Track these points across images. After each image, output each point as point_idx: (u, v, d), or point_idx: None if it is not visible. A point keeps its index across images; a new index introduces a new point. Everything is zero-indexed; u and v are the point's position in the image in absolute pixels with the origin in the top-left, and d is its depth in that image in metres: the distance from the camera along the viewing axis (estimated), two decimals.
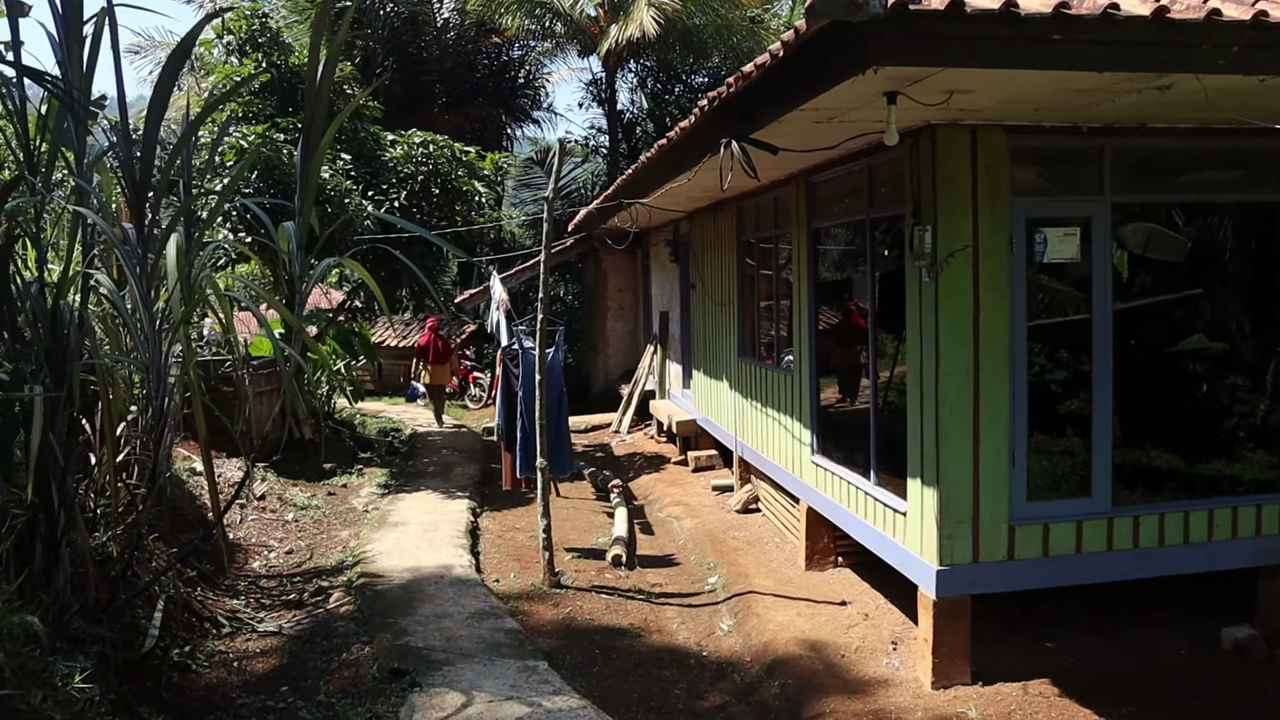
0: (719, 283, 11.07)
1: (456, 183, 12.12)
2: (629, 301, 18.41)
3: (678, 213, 12.17)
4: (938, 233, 5.54)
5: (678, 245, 13.77)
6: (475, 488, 11.35)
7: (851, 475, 7.03)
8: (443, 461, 12.86)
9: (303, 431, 12.78)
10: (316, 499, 10.52)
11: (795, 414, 8.27)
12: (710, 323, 11.64)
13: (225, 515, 9.27)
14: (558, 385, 8.47)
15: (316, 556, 8.73)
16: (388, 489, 11.19)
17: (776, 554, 8.59)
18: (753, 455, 9.82)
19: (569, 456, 9.03)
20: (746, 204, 9.92)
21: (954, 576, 5.62)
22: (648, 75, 28.38)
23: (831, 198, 7.61)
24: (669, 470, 12.51)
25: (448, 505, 10.21)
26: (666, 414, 13.43)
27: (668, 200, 10.12)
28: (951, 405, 5.60)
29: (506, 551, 8.94)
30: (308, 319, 15.16)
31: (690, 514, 10.16)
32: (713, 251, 11.34)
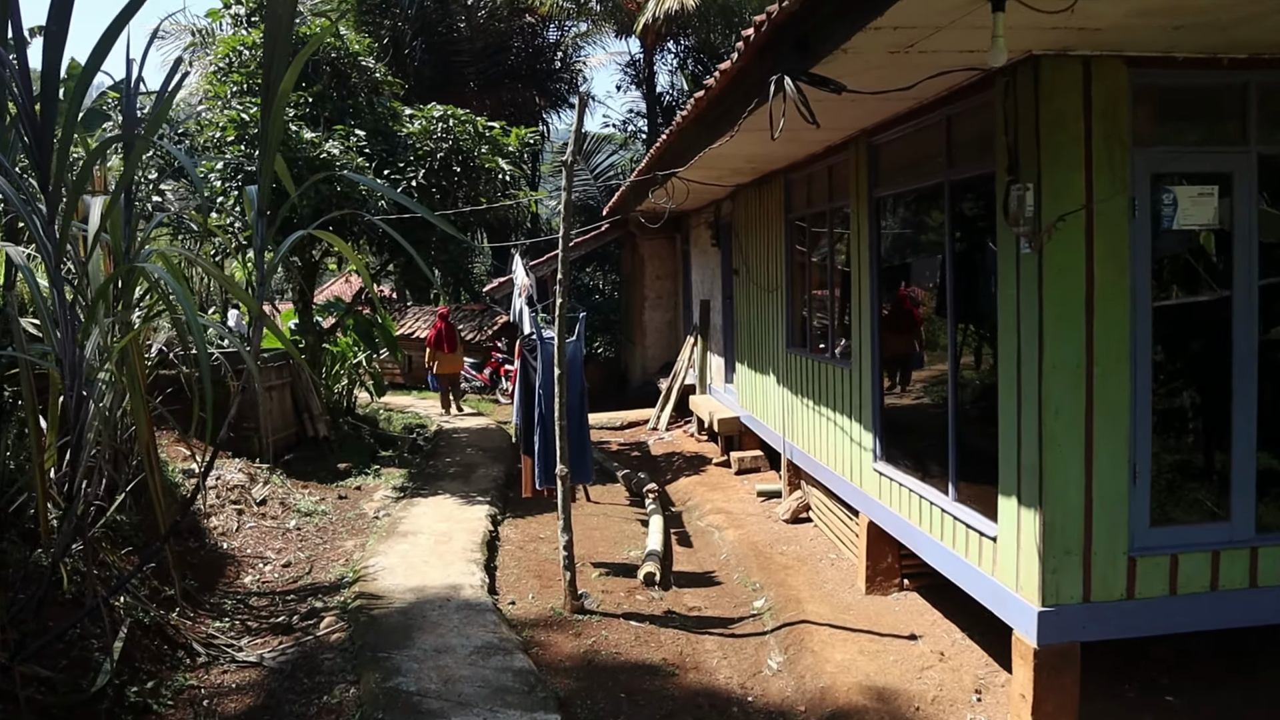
0: (765, 266, 10.00)
1: (479, 160, 11.16)
2: (668, 290, 17.39)
3: (719, 190, 11.12)
4: (1041, 192, 4.45)
5: (719, 227, 12.71)
6: (498, 491, 10.41)
7: (924, 488, 5.95)
8: (465, 461, 11.95)
9: (317, 429, 11.98)
10: (325, 503, 9.65)
11: (853, 414, 7.20)
12: (755, 311, 10.59)
13: (211, 520, 8.44)
14: (578, 380, 7.47)
15: (316, 570, 7.84)
16: (403, 492, 10.30)
17: (831, 573, 7.53)
18: (804, 459, 8.76)
19: (590, 463, 8.03)
20: (795, 177, 8.84)
21: (1060, 619, 4.54)
22: (688, 56, 27.29)
23: (899, 160, 6.52)
24: (710, 472, 11.48)
25: (465, 512, 9.28)
26: (707, 411, 12.40)
27: (708, 173, 9.08)
28: (1058, 406, 4.51)
29: (527, 566, 7.98)
30: (324, 309, 14.36)
31: (733, 523, 9.13)
32: (758, 232, 10.27)
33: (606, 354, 21.36)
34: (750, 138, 6.84)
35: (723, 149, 7.49)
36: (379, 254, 12.08)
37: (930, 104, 5.62)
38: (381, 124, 11.30)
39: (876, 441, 6.82)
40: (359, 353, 14.04)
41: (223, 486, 8.96)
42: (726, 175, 9.33)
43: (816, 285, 8.62)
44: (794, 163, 8.59)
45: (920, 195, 6.30)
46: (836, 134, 7.03)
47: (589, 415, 8.30)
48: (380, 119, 11.32)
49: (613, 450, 13.27)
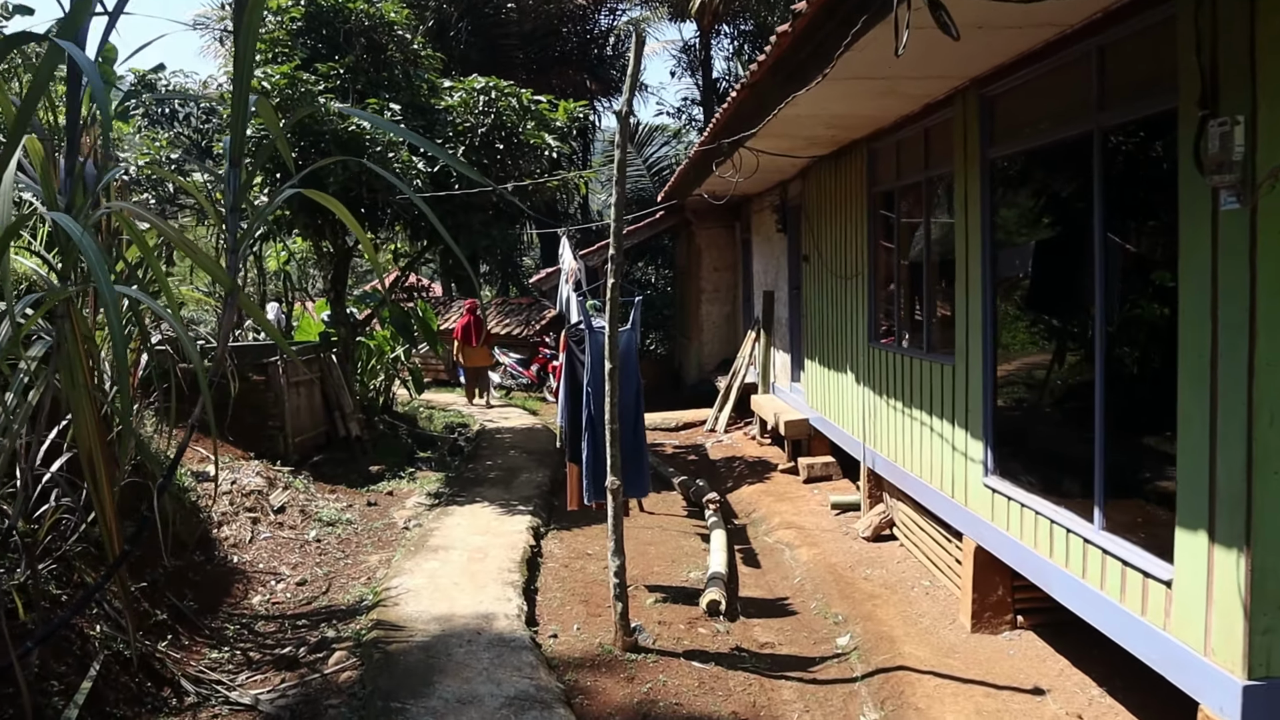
0: (842, 251, 8.89)
1: (524, 136, 10.19)
2: (726, 282, 16.30)
3: (787, 168, 10.02)
4: (1257, 130, 3.32)
5: (785, 211, 11.61)
6: (541, 499, 9.43)
7: (1057, 511, 4.83)
8: (508, 465, 11.00)
9: (349, 428, 11.12)
10: (351, 511, 8.75)
11: (957, 418, 6.09)
12: (829, 302, 9.47)
13: (223, 530, 7.57)
14: (633, 376, 6.44)
15: (333, 589, 6.92)
16: (438, 499, 9.37)
17: (926, 604, 6.42)
18: (888, 468, 7.64)
19: (647, 474, 6.95)
20: (881, 145, 7.72)
21: (1275, 699, 3.40)
22: (744, 41, 26.23)
23: (1023, 111, 5.38)
24: (775, 480, 10.39)
25: (505, 523, 8.31)
26: (772, 412, 11.31)
27: (780, 142, 7.99)
28: (1274, 414, 3.37)
29: (572, 589, 6.98)
30: (359, 301, 13.52)
31: (806, 540, 8.04)
32: (834, 213, 9.16)
33: (660, 351, 20.34)
34: (838, 90, 5.78)
35: (803, 110, 6.43)
36: (414, 239, 11.18)
37: (1074, 34, 4.50)
38: (419, 98, 10.38)
39: (988, 452, 5.70)
40: (397, 347, 13.18)
41: (237, 492, 8.10)
42: (800, 146, 8.24)
43: (906, 269, 7.49)
44: (880, 129, 7.48)
45: (1052, 151, 5.16)
46: (941, 85, 5.92)
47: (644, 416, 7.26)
48: (417, 92, 10.41)
49: (667, 454, 12.24)
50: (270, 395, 9.98)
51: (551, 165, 10.95)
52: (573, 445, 6.82)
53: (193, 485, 7.91)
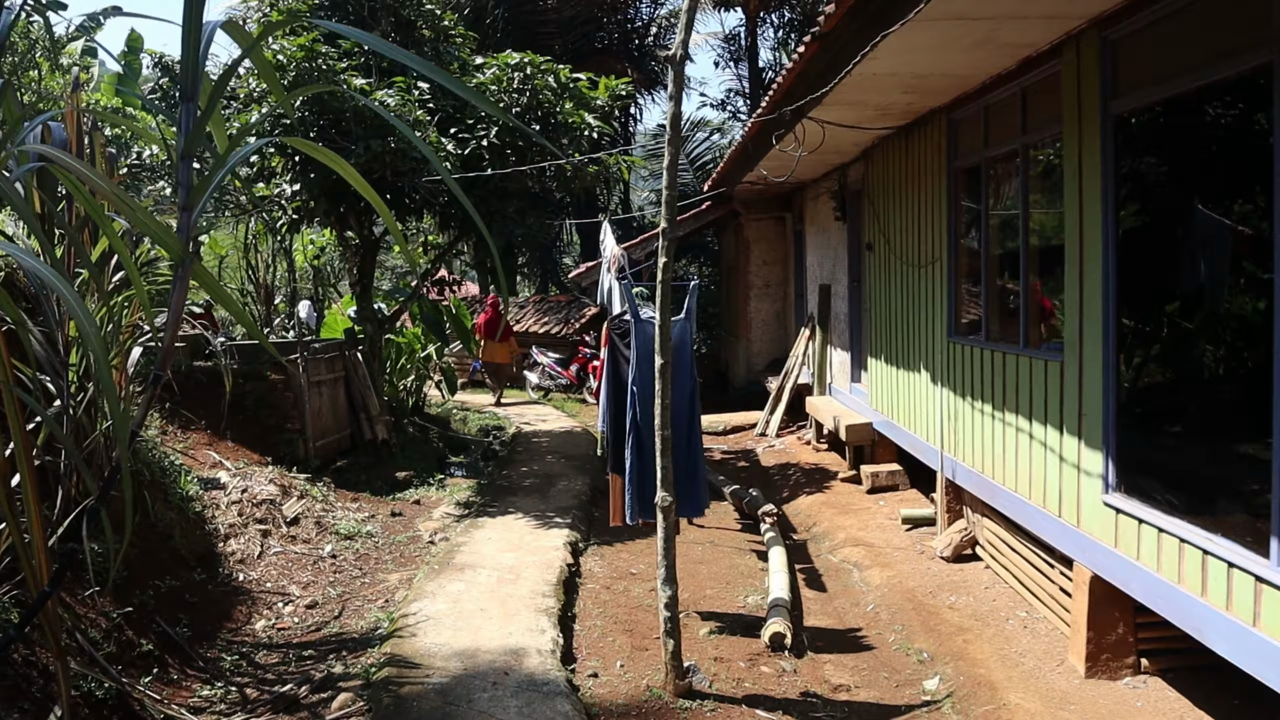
0: (915, 236, 7.98)
1: (562, 116, 9.40)
2: (776, 277, 15.40)
3: (855, 142, 9.13)
4: None
5: (845, 197, 10.70)
6: (581, 510, 8.63)
7: (1212, 540, 3.91)
8: (544, 472, 10.20)
9: (375, 431, 10.40)
10: (372, 523, 8.00)
11: (1067, 424, 5.17)
12: (898, 293, 8.56)
13: (229, 544, 6.85)
14: (687, 374, 5.57)
15: (347, 613, 6.16)
16: (469, 509, 8.60)
17: (1026, 640, 5.51)
18: (972, 479, 6.73)
19: (703, 489, 6.04)
20: (965, 113, 6.81)
21: None
22: (790, 30, 25.29)
23: (1161, 50, 4.46)
24: (836, 490, 9.48)
25: (540, 538, 7.51)
26: (830, 415, 10.40)
27: (849, 111, 7.12)
28: None
29: (614, 616, 6.16)
30: (388, 295, 12.82)
31: (876, 560, 7.15)
32: (904, 194, 8.25)
33: (705, 350, 19.47)
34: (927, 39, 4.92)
35: (881, 67, 5.58)
36: (444, 228, 10.43)
37: None
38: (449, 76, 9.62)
39: (1109, 464, 4.78)
40: (428, 345, 12.46)
41: (247, 501, 7.39)
42: (871, 116, 7.34)
43: (995, 253, 6.57)
44: (965, 93, 6.58)
45: (1207, 94, 4.23)
46: (1047, 31, 5.02)
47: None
48: (447, 68, 9.65)
49: (716, 460, 11.37)
50: (289, 396, 9.29)
51: (592, 147, 10.15)
52: (615, 453, 5.97)
53: (198, 494, 7.21)
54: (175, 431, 8.51)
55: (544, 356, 17.23)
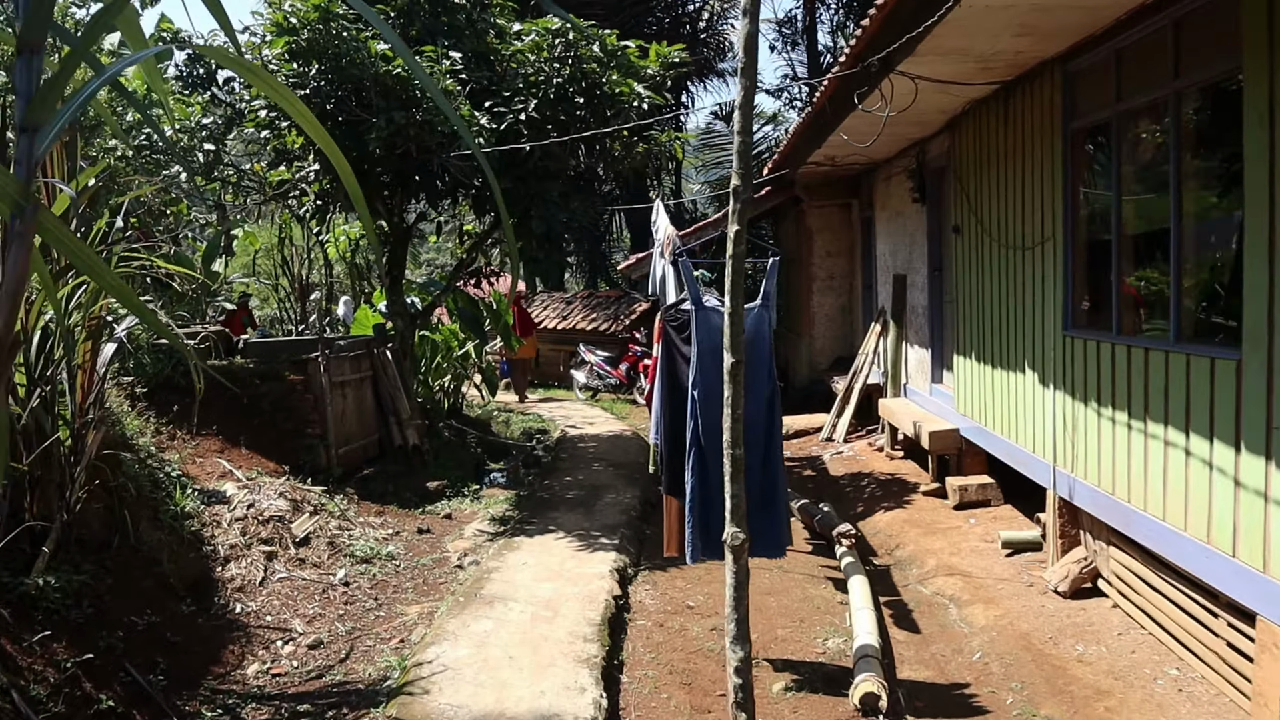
0: (1016, 215, 6.86)
1: (608, 86, 8.42)
2: (841, 268, 14.27)
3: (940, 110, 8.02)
4: None
5: (924, 176, 9.58)
6: (630, 528, 7.64)
7: None
8: (590, 482, 9.24)
9: (405, 436, 9.52)
10: (395, 541, 7.11)
11: (1246, 438, 4.05)
12: (993, 281, 7.44)
13: (229, 568, 5.97)
14: (765, 377, 4.47)
15: (354, 656, 5.25)
16: (504, 525, 7.67)
17: (1186, 709, 4.40)
18: (1097, 500, 5.61)
19: (785, 522, 4.91)
20: (1088, 61, 5.69)
21: None
22: (849, 14, 24.08)
23: None
24: (918, 505, 8.38)
25: (582, 563, 6.54)
26: (908, 419, 9.29)
27: (945, 64, 6.04)
28: None
29: (669, 664, 5.16)
30: (422, 289, 11.96)
31: (978, 594, 6.06)
32: (1002, 166, 7.13)
33: None
34: None
35: None
36: (479, 212, 9.51)
37: None
38: (484, 46, 8.69)
39: None
40: (467, 342, 11.58)
41: (252, 518, 6.52)
42: (970, 70, 6.22)
43: (1133, 229, 5.44)
44: (1090, 36, 5.45)
45: None
46: None
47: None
48: (482, 38, 8.72)
49: None
50: (309, 398, 8.44)
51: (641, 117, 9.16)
52: (671, 472, 4.92)
53: (197, 510, 6.36)
54: (184, 437, 7.70)
55: (592, 355, 16.29)
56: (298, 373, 8.52)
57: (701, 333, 4.35)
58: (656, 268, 6.52)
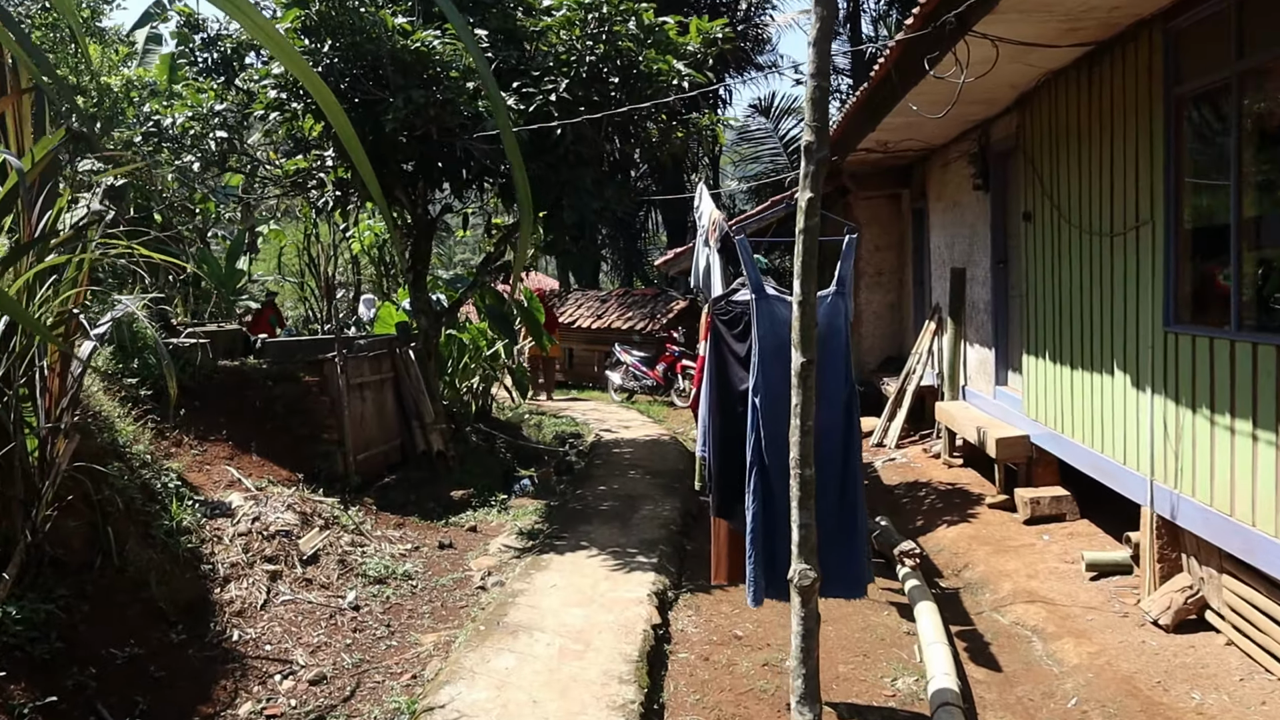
0: (1103, 196, 6.13)
1: (644, 65, 7.78)
2: (890, 263, 13.51)
3: (1012, 85, 7.29)
4: None
5: (987, 160, 8.84)
6: (669, 544, 6.99)
7: None
8: (626, 491, 8.60)
9: (429, 441, 8.95)
10: (414, 558, 6.53)
11: None
12: (1073, 272, 6.70)
13: (229, 589, 5.41)
14: (841, 380, 3.72)
15: (360, 694, 4.66)
16: (533, 540, 7.06)
17: None
18: (1209, 521, 4.88)
19: (864, 555, 4.16)
20: (1196, 16, 4.95)
21: None
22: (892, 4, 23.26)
23: None
24: (984, 518, 7.65)
25: (617, 585, 5.90)
26: (970, 425, 8.56)
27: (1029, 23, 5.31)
28: None
29: (716, 708, 4.50)
30: (448, 285, 11.40)
31: (1064, 624, 5.35)
32: (1085, 142, 6.40)
33: None
34: None
35: None
36: (507, 200, 8.90)
37: None
38: (511, 23, 8.09)
39: None
40: (497, 342, 11.00)
41: (257, 533, 5.96)
42: (1055, 30, 5.47)
43: (1255, 211, 4.70)
44: None
45: None
46: None
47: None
48: (509, 15, 8.12)
49: None
50: (325, 401, 7.89)
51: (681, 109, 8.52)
52: (722, 493, 4.23)
53: (197, 524, 5.81)
54: (191, 443, 7.18)
55: (628, 355, 15.65)
56: (313, 374, 7.97)
57: (764, 326, 3.67)
58: (700, 258, 5.87)
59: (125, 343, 7.36)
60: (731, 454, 4.01)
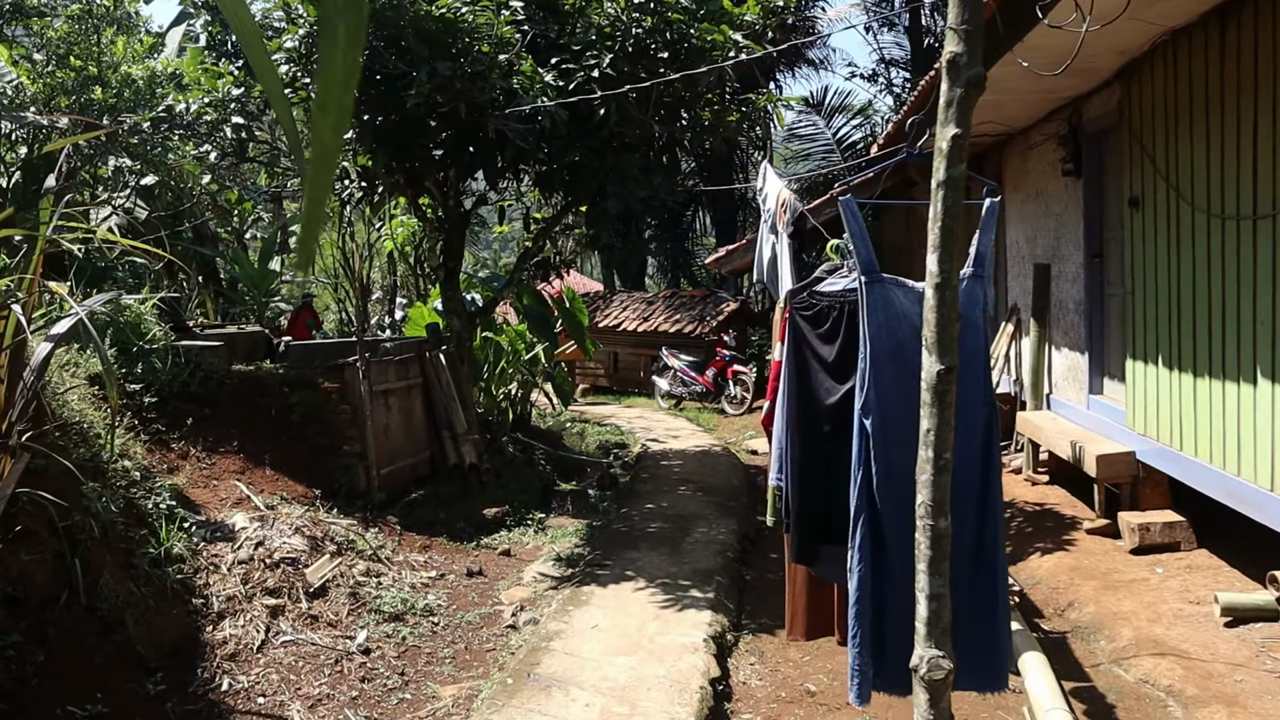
0: (1246, 173, 5.20)
1: (697, 39, 6.99)
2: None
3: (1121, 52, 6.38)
4: None
5: (1079, 142, 7.90)
6: (727, 575, 6.15)
7: None
8: (675, 510, 7.79)
9: (461, 453, 8.23)
10: (438, 588, 5.79)
11: None
12: (1197, 263, 5.76)
13: (222, 627, 4.70)
14: (977, 395, 2.73)
15: None
16: (572, 568, 6.29)
17: None
18: None
19: (1006, 634, 3.15)
20: None
21: None
22: None
23: None
24: (1082, 546, 6.72)
25: (668, 626, 5.10)
26: (1062, 438, 7.62)
27: None
28: None
29: None
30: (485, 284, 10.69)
31: (1207, 686, 4.44)
32: (1215, 115, 5.47)
33: None
34: None
35: None
36: (546, 190, 8.14)
37: None
38: None
39: None
40: (536, 344, 10.27)
41: (259, 561, 5.25)
42: None
43: None
44: None
45: None
46: None
47: None
48: None
49: None
50: (346, 409, 7.20)
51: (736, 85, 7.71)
52: (801, 530, 3.30)
53: (193, 550, 5.12)
54: (198, 455, 6.53)
55: (675, 359, 14.84)
56: (333, 380, 7.29)
57: (876, 321, 2.79)
58: (764, 247, 5.05)
59: (129, 344, 6.75)
60: (813, 484, 3.18)
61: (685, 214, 21.48)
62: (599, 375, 16.92)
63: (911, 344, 2.36)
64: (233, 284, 14.07)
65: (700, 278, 22.14)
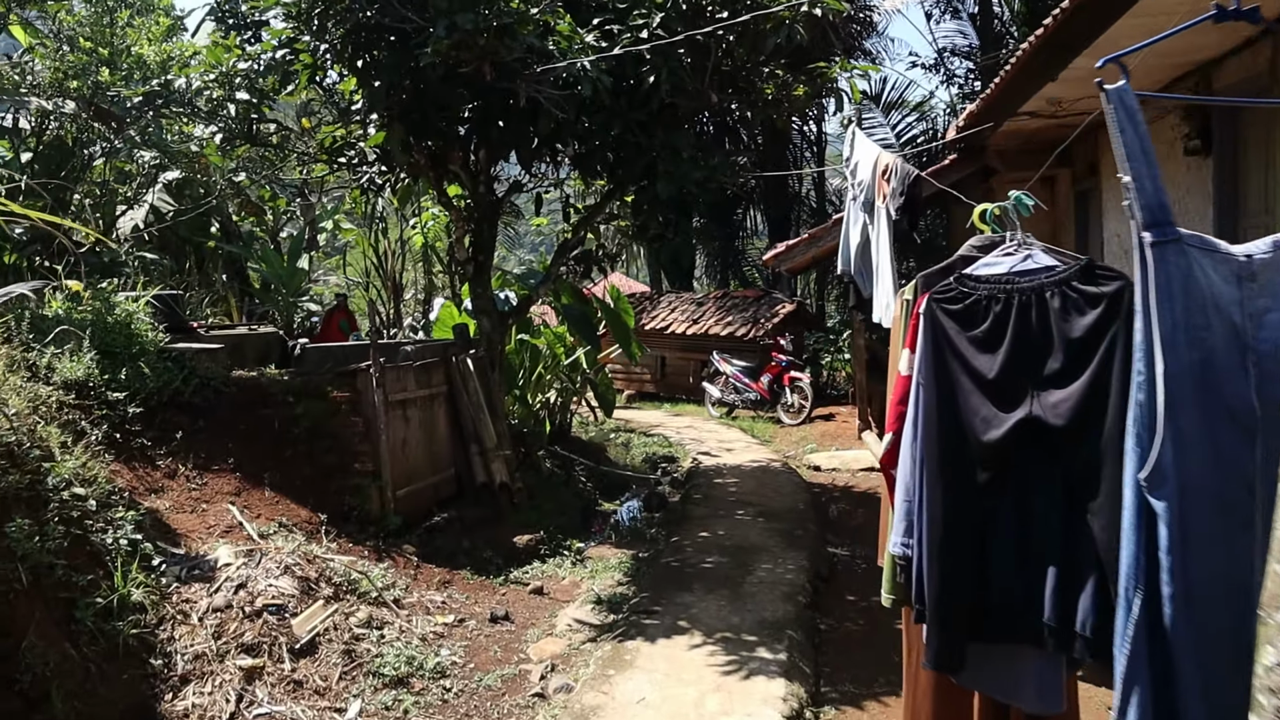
0: None
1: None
2: None
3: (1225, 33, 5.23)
4: None
5: (1207, 114, 6.77)
6: (799, 627, 5.12)
7: None
8: (733, 539, 6.79)
9: (490, 471, 7.31)
10: (454, 638, 4.86)
11: None
12: None
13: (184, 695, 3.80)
14: None
15: None
16: (614, 613, 5.32)
17: None
18: None
19: None
20: None
21: None
22: None
23: None
24: None
25: (732, 701, 4.10)
26: None
27: None
28: None
29: None
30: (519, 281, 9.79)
31: None
32: None
33: None
34: None
35: None
36: (587, 171, 7.17)
37: None
38: None
39: None
40: (577, 348, 9.33)
41: (238, 608, 4.36)
42: None
43: None
44: None
45: None
46: None
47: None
48: None
49: None
50: (358, 422, 6.31)
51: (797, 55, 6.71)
52: (941, 620, 2.16)
53: (154, 596, 4.23)
54: (187, 474, 5.67)
55: (727, 364, 13.82)
56: (344, 388, 6.41)
57: (1170, 314, 1.72)
58: (852, 231, 4.05)
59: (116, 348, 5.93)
60: (963, 558, 2.17)
61: (736, 211, 20.45)
62: (645, 380, 15.97)
63: (1229, 359, 1.38)
64: (265, 284, 13.37)
65: (752, 278, 21.08)
